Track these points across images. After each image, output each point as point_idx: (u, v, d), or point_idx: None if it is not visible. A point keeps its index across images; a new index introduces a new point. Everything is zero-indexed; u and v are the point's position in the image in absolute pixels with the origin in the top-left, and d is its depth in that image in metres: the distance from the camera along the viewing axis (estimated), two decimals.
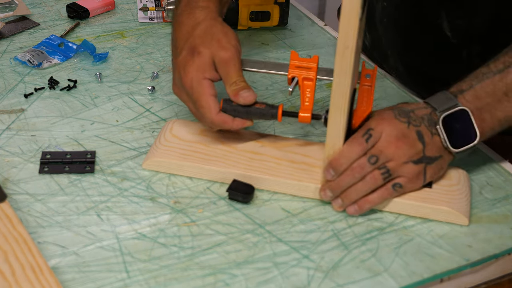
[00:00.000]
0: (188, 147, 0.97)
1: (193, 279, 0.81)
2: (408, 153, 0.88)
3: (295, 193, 0.93)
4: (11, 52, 1.21)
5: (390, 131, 0.88)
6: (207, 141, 0.99)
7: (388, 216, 0.91)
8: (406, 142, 0.88)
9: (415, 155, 0.88)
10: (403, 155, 0.87)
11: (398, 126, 0.88)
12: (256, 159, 0.96)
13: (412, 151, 0.88)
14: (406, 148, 0.87)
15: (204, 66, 0.91)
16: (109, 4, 1.34)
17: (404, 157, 0.88)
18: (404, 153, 0.87)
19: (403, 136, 0.88)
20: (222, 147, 0.98)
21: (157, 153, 0.96)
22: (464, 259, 0.85)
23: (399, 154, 0.87)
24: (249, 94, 0.92)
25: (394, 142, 0.87)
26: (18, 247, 0.80)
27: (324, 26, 1.32)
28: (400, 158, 0.87)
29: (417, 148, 0.88)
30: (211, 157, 0.96)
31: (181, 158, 0.96)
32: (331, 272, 0.82)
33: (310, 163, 0.95)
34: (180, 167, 0.95)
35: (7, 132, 1.02)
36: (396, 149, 0.87)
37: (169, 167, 0.95)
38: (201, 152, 0.97)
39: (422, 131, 0.89)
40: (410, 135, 0.88)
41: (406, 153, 0.88)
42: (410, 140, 0.88)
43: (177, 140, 0.99)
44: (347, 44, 0.82)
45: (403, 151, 0.87)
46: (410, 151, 0.88)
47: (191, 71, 0.91)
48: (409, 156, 0.88)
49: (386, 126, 0.88)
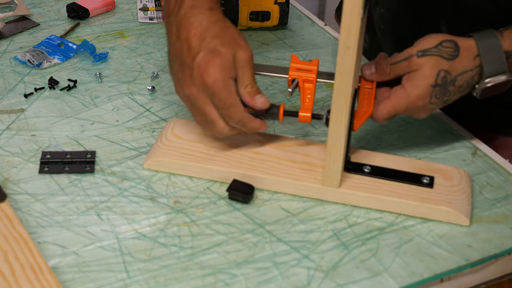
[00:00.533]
0: (190, 147, 0.98)
1: (193, 279, 0.81)
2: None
3: (296, 192, 0.93)
4: (11, 52, 1.21)
5: (415, 95, 0.91)
6: (209, 141, 0.99)
7: (388, 216, 0.91)
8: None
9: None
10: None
11: (425, 99, 0.91)
12: (257, 158, 0.96)
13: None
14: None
15: (228, 66, 0.90)
16: (109, 4, 1.34)
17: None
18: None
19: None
20: (223, 147, 0.98)
21: (158, 153, 0.97)
22: (464, 259, 0.85)
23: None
24: (265, 100, 0.91)
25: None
26: (18, 247, 0.80)
27: (324, 26, 1.33)
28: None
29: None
30: (213, 156, 0.96)
31: (183, 157, 0.96)
32: (331, 272, 0.82)
33: (311, 162, 0.95)
34: (182, 167, 0.95)
35: (7, 132, 1.02)
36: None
37: (170, 166, 0.96)
38: (202, 151, 0.97)
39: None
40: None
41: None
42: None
43: (178, 139, 0.99)
44: (348, 45, 0.81)
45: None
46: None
47: (216, 72, 0.89)
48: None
49: (414, 92, 0.91)
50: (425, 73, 0.90)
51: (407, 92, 0.91)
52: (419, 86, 0.90)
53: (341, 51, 0.82)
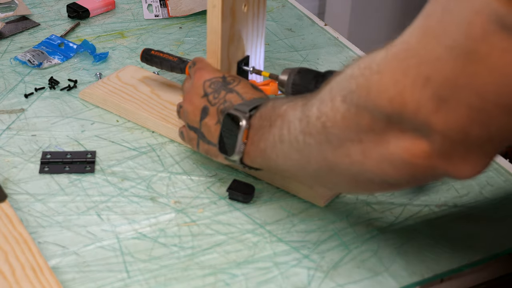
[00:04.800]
0: (120, 88, 1.08)
1: (193, 279, 0.81)
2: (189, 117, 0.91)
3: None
4: (11, 52, 1.21)
5: (190, 91, 0.92)
6: (141, 86, 1.09)
7: (389, 216, 0.91)
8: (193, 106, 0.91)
9: (194, 122, 0.91)
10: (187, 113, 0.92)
11: (197, 100, 0.91)
12: (170, 108, 1.04)
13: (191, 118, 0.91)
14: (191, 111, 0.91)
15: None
16: (109, 4, 1.34)
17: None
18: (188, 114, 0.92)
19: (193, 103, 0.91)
20: (150, 94, 1.07)
21: (91, 86, 1.09)
22: (464, 259, 0.85)
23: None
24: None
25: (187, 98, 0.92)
26: (18, 247, 0.80)
27: (324, 26, 1.32)
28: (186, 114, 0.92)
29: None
30: (134, 99, 1.06)
31: (107, 94, 1.07)
32: (331, 272, 0.82)
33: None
34: (103, 102, 1.07)
35: (7, 132, 1.02)
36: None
37: (96, 100, 1.07)
38: (128, 93, 1.07)
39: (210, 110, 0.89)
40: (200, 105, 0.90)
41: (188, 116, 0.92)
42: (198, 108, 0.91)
43: (117, 81, 1.10)
44: (214, 3, 0.91)
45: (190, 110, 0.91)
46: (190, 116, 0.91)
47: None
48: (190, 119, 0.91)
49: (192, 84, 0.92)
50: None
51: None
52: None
53: (209, 9, 0.92)
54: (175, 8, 1.33)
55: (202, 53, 1.22)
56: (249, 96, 0.88)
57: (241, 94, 0.88)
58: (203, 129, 0.89)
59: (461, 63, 0.60)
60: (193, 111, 0.90)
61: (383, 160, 0.67)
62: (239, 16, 0.96)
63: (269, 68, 1.18)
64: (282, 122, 0.78)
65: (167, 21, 1.32)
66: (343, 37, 1.29)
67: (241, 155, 0.85)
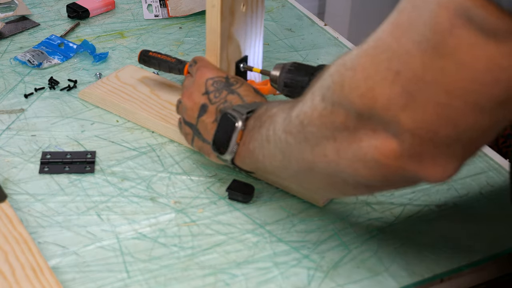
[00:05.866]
0: (120, 87, 1.08)
1: (193, 279, 0.81)
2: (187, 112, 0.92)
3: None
4: (11, 52, 1.21)
5: (190, 89, 0.93)
6: (141, 86, 1.09)
7: (389, 216, 0.91)
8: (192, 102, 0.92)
9: (191, 118, 0.92)
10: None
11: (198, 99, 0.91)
12: (170, 108, 1.04)
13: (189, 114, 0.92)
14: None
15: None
16: (109, 4, 1.34)
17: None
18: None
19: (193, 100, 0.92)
20: (149, 94, 1.07)
21: (91, 86, 1.09)
22: (464, 259, 0.85)
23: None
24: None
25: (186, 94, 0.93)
26: (18, 247, 0.80)
27: (324, 26, 1.32)
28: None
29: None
30: (133, 99, 1.06)
31: (106, 94, 1.07)
32: (331, 272, 0.82)
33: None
34: (103, 102, 1.07)
35: (7, 132, 1.02)
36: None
37: (95, 100, 1.07)
38: (127, 93, 1.07)
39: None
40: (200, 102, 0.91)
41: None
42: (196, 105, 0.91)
43: (116, 80, 1.10)
44: (213, 3, 0.91)
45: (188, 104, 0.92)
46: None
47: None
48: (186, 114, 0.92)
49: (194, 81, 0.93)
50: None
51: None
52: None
53: (208, 9, 0.92)
54: (175, 8, 1.33)
55: (202, 53, 1.22)
56: (250, 99, 0.88)
57: (242, 97, 0.89)
58: (199, 125, 0.90)
59: (428, 58, 0.58)
60: (191, 107, 0.91)
61: (356, 159, 0.66)
62: (238, 15, 0.96)
63: (269, 68, 1.18)
64: (270, 123, 0.79)
65: (167, 21, 1.32)
66: (343, 37, 1.29)
67: (233, 155, 0.85)
